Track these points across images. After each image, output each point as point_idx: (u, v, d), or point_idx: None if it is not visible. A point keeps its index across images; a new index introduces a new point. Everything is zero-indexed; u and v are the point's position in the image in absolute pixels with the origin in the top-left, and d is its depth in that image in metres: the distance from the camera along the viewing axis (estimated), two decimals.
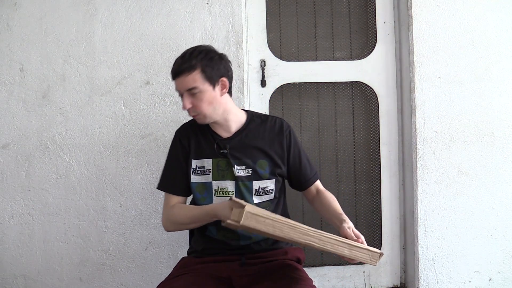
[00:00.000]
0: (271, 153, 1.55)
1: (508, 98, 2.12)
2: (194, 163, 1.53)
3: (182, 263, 1.57)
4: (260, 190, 1.53)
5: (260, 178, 1.52)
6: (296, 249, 1.62)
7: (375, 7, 2.23)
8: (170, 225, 1.53)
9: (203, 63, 1.44)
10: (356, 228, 1.40)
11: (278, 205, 1.60)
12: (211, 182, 1.51)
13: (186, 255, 1.65)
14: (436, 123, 2.09)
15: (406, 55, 2.14)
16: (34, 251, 2.01)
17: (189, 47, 1.49)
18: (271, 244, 1.56)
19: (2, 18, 1.98)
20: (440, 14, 2.08)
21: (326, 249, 1.27)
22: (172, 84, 2.01)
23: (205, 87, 1.44)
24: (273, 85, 2.20)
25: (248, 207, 1.14)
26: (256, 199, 1.53)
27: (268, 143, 1.55)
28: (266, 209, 1.54)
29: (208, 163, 1.52)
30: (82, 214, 2.02)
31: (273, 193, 1.56)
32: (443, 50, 2.08)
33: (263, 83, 2.18)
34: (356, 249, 1.30)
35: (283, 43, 2.24)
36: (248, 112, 1.61)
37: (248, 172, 1.52)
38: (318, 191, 1.64)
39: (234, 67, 2.01)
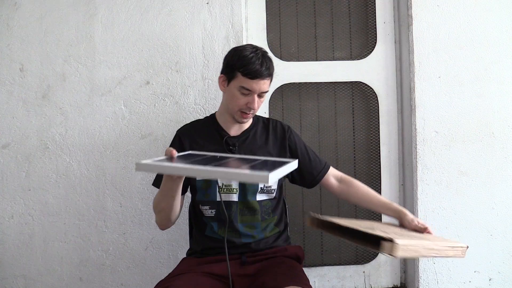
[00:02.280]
0: (275, 154, 1.58)
1: (508, 98, 2.12)
2: None
3: (183, 263, 1.57)
4: (264, 188, 1.55)
5: None
6: (295, 247, 1.63)
7: (375, 7, 2.23)
8: (156, 215, 1.49)
9: (273, 73, 1.55)
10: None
11: (278, 204, 1.63)
12: (216, 179, 1.52)
13: (185, 256, 1.65)
14: (436, 123, 2.09)
15: (406, 55, 2.14)
16: (34, 251, 2.01)
17: (254, 48, 1.52)
18: (271, 243, 1.57)
19: (2, 18, 1.98)
20: (440, 14, 2.08)
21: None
22: (172, 84, 2.02)
23: None
24: (273, 85, 2.19)
25: (399, 241, 1.14)
26: (259, 197, 1.55)
27: (272, 145, 1.60)
28: (267, 208, 1.55)
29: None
30: (82, 214, 2.02)
31: (274, 193, 1.59)
32: (443, 50, 2.08)
33: None
34: (455, 249, 1.33)
35: (283, 43, 2.24)
36: None
37: None
38: (341, 179, 1.67)
39: None
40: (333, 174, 1.67)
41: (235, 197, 1.54)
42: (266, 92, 1.52)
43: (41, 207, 2.01)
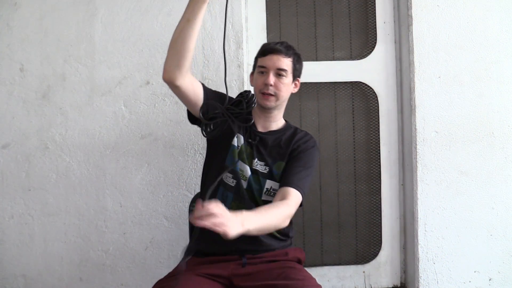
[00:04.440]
0: (290, 157, 1.56)
1: (508, 98, 2.12)
2: None
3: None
4: (271, 190, 1.55)
5: (274, 178, 1.55)
6: (296, 250, 1.62)
7: (375, 7, 2.23)
8: (167, 52, 1.43)
9: (295, 57, 1.58)
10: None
11: None
12: (238, 161, 1.54)
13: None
14: (436, 123, 2.09)
15: (406, 55, 2.14)
16: (34, 251, 2.01)
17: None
18: (273, 246, 1.56)
19: (2, 18, 1.98)
20: (440, 14, 2.08)
21: None
22: None
23: (289, 77, 1.56)
24: None
25: None
26: (264, 197, 1.54)
27: (291, 150, 1.57)
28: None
29: (240, 137, 1.56)
30: (82, 214, 2.02)
31: None
32: (443, 50, 2.08)
33: None
34: None
35: None
36: (287, 121, 1.66)
37: (265, 169, 1.55)
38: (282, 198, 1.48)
39: (234, 67, 2.03)
40: (285, 194, 1.46)
41: (244, 184, 1.54)
42: (283, 70, 1.53)
43: (41, 207, 2.00)
